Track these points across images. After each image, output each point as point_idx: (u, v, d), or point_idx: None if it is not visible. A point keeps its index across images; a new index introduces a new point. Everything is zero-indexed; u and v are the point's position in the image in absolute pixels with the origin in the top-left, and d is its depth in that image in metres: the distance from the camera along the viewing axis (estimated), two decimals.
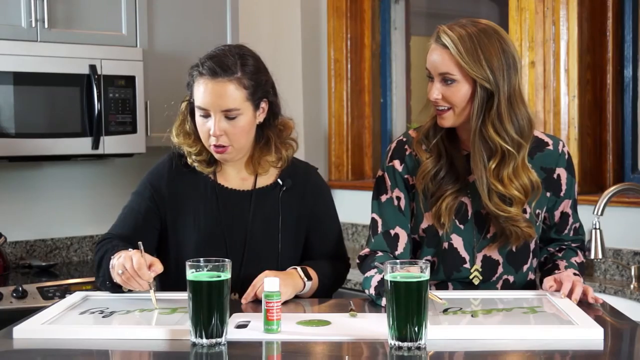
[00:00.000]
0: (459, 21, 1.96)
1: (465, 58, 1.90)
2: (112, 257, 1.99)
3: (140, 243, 1.91)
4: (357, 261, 2.15)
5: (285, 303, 1.85)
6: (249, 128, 2.11)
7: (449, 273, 2.07)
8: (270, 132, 2.19)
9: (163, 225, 2.17)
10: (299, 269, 2.09)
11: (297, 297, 2.07)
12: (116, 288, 2.02)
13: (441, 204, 2.02)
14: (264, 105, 2.15)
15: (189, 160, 2.19)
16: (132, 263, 1.89)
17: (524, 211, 2.02)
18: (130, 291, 2.01)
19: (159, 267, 1.92)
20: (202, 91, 2.06)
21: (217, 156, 2.13)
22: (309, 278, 2.09)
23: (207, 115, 2.08)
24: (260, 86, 2.12)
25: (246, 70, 2.08)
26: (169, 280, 2.15)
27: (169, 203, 2.17)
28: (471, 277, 2.07)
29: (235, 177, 2.20)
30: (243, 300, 1.99)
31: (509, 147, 1.94)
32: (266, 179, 2.21)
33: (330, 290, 2.22)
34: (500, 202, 1.98)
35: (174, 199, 2.17)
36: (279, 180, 2.20)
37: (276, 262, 2.13)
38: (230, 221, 2.15)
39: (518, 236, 2.02)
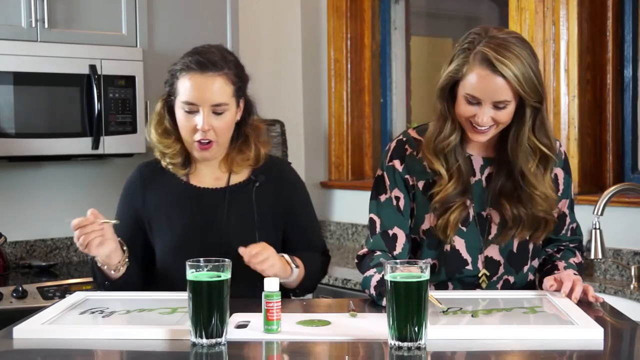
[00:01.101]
0: (495, 36, 1.91)
1: (527, 89, 1.89)
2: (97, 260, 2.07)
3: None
4: (356, 261, 2.15)
5: (285, 303, 1.85)
6: (231, 124, 2.15)
7: (451, 275, 2.07)
8: (248, 130, 2.22)
9: (146, 237, 2.21)
10: (285, 255, 2.10)
11: (289, 295, 2.07)
12: (116, 287, 2.06)
13: (449, 216, 2.01)
14: (241, 103, 2.18)
15: (164, 163, 2.20)
16: (72, 226, 1.96)
17: None
18: (121, 284, 2.06)
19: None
20: (191, 85, 2.08)
21: (200, 154, 2.14)
22: (296, 265, 2.11)
23: (193, 110, 2.09)
24: (243, 83, 2.17)
25: (231, 66, 2.12)
26: (155, 285, 2.16)
27: (147, 213, 2.20)
28: (480, 280, 2.07)
29: (209, 177, 2.21)
30: (240, 251, 1.99)
31: (547, 152, 1.99)
32: (240, 176, 2.22)
33: (315, 281, 2.24)
34: (542, 201, 2.01)
35: (150, 208, 2.20)
36: (252, 176, 2.21)
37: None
38: (206, 221, 2.17)
39: (547, 223, 2.06)
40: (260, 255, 2.00)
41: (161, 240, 2.18)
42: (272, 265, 2.02)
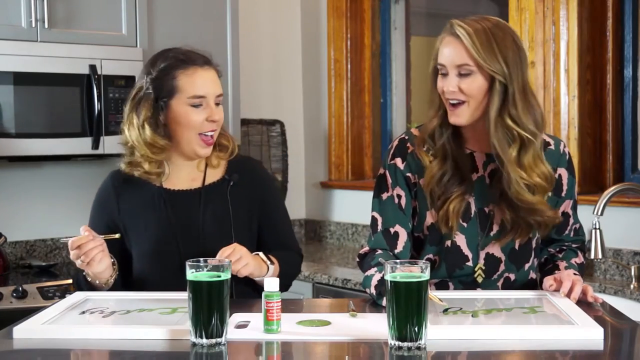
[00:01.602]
0: (469, 17, 1.97)
1: (481, 52, 1.91)
2: (82, 275, 2.10)
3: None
4: (357, 259, 2.15)
5: (285, 303, 1.84)
6: None
7: (451, 270, 2.07)
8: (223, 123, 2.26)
9: (122, 244, 2.20)
10: (260, 253, 2.13)
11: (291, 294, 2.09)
12: (113, 288, 2.10)
13: (448, 206, 2.01)
14: None
15: (137, 172, 2.17)
16: (71, 246, 1.98)
17: None
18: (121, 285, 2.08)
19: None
20: (197, 79, 2.12)
21: (204, 150, 2.15)
22: (272, 262, 2.13)
23: (199, 104, 2.12)
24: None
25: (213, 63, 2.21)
26: (133, 290, 2.15)
27: (121, 220, 2.20)
28: (475, 275, 2.07)
29: (185, 179, 2.22)
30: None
31: (527, 135, 1.95)
32: (214, 175, 2.24)
33: (290, 279, 2.25)
34: (524, 191, 1.97)
35: (125, 215, 2.20)
36: (226, 176, 2.23)
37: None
38: (182, 222, 2.17)
39: (545, 225, 2.04)
40: (233, 256, 2.01)
41: (138, 246, 2.18)
42: (246, 265, 2.03)
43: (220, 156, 2.24)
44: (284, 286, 2.22)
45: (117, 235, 2.09)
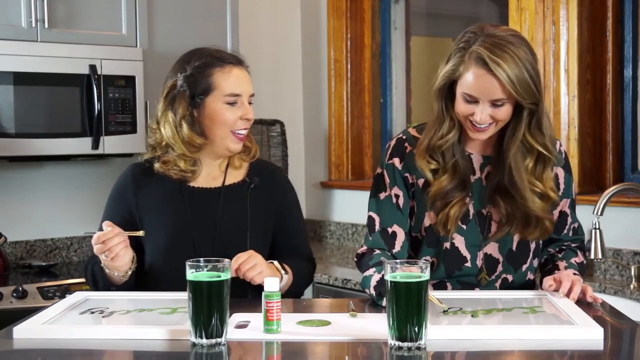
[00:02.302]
0: (491, 34, 1.91)
1: (520, 92, 1.89)
2: (99, 267, 2.10)
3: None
4: (355, 259, 2.15)
5: (285, 303, 1.85)
6: None
7: (450, 272, 2.07)
8: None
9: (137, 238, 2.18)
10: (275, 262, 2.12)
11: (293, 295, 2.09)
12: (123, 287, 2.10)
13: (449, 211, 2.02)
14: None
15: (174, 172, 2.17)
16: (95, 241, 1.99)
17: None
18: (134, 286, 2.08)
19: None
20: (234, 77, 2.14)
21: (237, 145, 2.16)
22: (286, 271, 2.12)
23: (235, 102, 2.14)
24: None
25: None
26: (146, 287, 2.16)
27: (138, 213, 2.20)
28: (479, 278, 2.07)
29: (206, 178, 2.22)
30: None
31: (543, 151, 1.99)
32: (235, 177, 2.23)
33: (302, 287, 2.25)
34: (537, 199, 2.02)
35: (143, 209, 2.20)
36: (247, 178, 2.23)
37: None
38: (199, 220, 2.17)
39: (545, 230, 2.06)
40: (248, 263, 2.01)
41: (152, 240, 2.17)
42: (261, 273, 2.02)
43: (243, 158, 2.24)
44: (295, 294, 2.21)
45: (141, 233, 2.09)
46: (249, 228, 2.17)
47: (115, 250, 1.99)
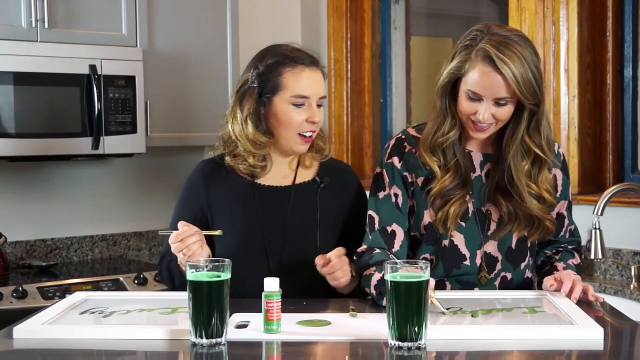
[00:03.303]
0: (497, 33, 1.92)
1: (524, 91, 1.90)
2: (175, 265, 2.11)
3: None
4: (354, 257, 2.15)
5: (285, 303, 1.84)
6: None
7: (449, 270, 2.07)
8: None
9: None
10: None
11: (304, 294, 2.08)
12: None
13: (449, 209, 2.02)
14: None
15: (243, 166, 2.17)
16: (173, 240, 2.00)
17: None
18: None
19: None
20: (303, 78, 2.12)
21: (302, 147, 2.15)
22: (355, 274, 2.10)
23: (302, 104, 2.12)
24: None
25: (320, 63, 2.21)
26: None
27: (209, 210, 2.19)
28: (479, 276, 2.07)
29: (276, 175, 2.21)
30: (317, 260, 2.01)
31: (539, 153, 2.01)
32: (305, 176, 2.23)
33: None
34: (532, 197, 2.03)
35: (213, 205, 2.19)
36: (317, 177, 2.22)
37: (314, 258, 2.08)
38: (269, 218, 2.17)
39: (547, 230, 2.07)
40: (337, 266, 2.00)
41: (223, 238, 2.14)
42: (344, 276, 2.02)
43: (315, 157, 2.23)
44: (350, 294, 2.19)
45: (218, 232, 2.08)
46: (318, 227, 2.17)
47: (193, 248, 2.00)
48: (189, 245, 2.00)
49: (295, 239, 2.15)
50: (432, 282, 1.87)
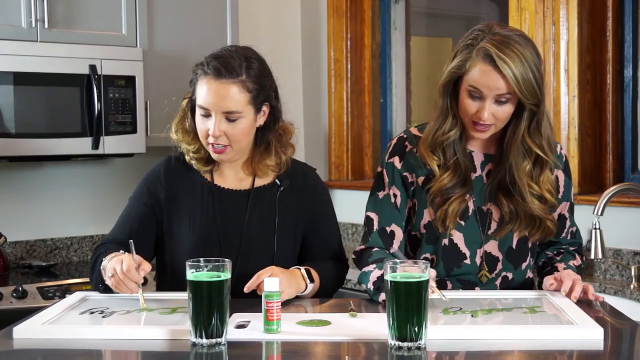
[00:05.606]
0: (499, 32, 1.93)
1: (524, 91, 1.90)
2: (103, 259, 2.01)
3: (131, 242, 1.92)
4: (353, 256, 2.15)
5: (285, 303, 1.85)
6: (248, 130, 2.11)
7: (449, 269, 2.07)
8: (271, 136, 2.18)
9: (160, 228, 2.18)
10: (302, 269, 2.08)
11: (297, 297, 2.07)
12: (109, 290, 2.01)
13: (448, 208, 2.02)
14: (265, 109, 2.14)
15: (187, 158, 2.18)
16: (122, 266, 1.89)
17: None
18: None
19: (147, 267, 1.92)
20: (205, 91, 2.05)
21: (214, 156, 2.12)
22: (312, 280, 2.08)
23: (207, 114, 2.07)
24: (264, 90, 2.11)
25: (250, 74, 2.07)
26: (165, 283, 2.15)
27: (166, 206, 2.17)
28: (479, 275, 2.07)
29: (232, 178, 2.20)
30: (245, 289, 1.93)
31: (540, 153, 2.01)
32: (264, 179, 2.20)
33: (330, 291, 2.22)
34: (534, 198, 2.03)
35: (171, 202, 2.17)
36: (276, 180, 2.19)
37: (271, 262, 2.09)
38: (226, 221, 2.15)
39: (548, 231, 2.07)
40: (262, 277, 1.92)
41: (179, 237, 2.15)
42: (283, 292, 1.91)
43: (262, 168, 2.17)
44: (325, 297, 2.17)
45: (143, 307, 1.90)
46: (276, 231, 2.15)
47: (123, 290, 1.92)
48: (125, 286, 1.90)
49: (252, 243, 2.13)
50: (434, 272, 1.88)
